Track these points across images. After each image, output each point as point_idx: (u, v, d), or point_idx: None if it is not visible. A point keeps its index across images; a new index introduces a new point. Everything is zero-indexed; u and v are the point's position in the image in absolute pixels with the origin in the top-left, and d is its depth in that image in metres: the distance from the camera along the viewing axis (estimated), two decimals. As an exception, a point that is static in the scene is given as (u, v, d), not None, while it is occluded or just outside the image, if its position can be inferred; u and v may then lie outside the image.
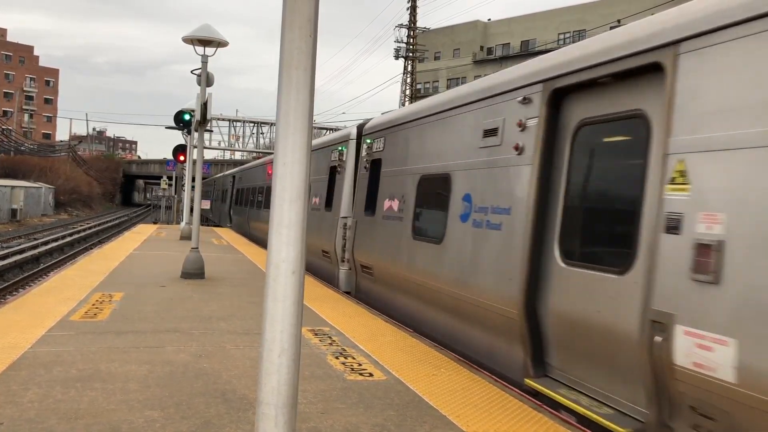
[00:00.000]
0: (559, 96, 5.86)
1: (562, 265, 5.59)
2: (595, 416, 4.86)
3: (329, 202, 12.61)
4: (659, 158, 4.60)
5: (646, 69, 4.87)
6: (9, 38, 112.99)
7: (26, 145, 78.43)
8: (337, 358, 6.28)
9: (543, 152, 5.90)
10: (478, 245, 6.83)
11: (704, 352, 4.00)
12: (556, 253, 5.69)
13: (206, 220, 44.25)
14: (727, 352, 3.85)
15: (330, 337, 7.14)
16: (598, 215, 5.46)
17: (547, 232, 5.84)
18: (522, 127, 6.26)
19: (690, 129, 4.37)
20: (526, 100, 6.23)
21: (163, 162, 77.34)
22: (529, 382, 5.79)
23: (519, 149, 6.27)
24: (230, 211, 33.43)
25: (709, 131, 4.21)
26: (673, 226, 4.34)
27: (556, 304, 5.63)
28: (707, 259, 4.03)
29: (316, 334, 7.25)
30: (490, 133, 6.89)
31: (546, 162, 5.90)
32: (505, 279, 6.20)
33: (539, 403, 5.19)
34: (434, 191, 8.18)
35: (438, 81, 78.42)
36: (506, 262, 6.22)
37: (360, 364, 6.07)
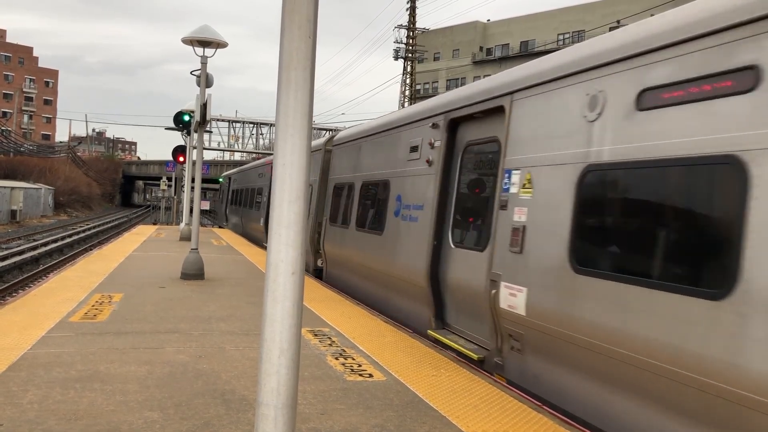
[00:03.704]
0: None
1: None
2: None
3: None
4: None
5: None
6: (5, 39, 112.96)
7: (25, 145, 78.40)
8: (336, 358, 6.28)
9: None
10: None
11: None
12: None
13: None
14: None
15: (330, 338, 7.13)
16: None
17: None
18: None
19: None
20: None
21: (163, 163, 77.37)
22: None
23: None
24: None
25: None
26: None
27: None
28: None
29: (315, 335, 7.25)
30: None
31: None
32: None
33: (539, 403, 5.21)
34: None
35: (437, 81, 78.46)
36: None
37: (360, 365, 6.07)
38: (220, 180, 41.91)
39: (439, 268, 7.70)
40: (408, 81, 69.43)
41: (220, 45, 11.84)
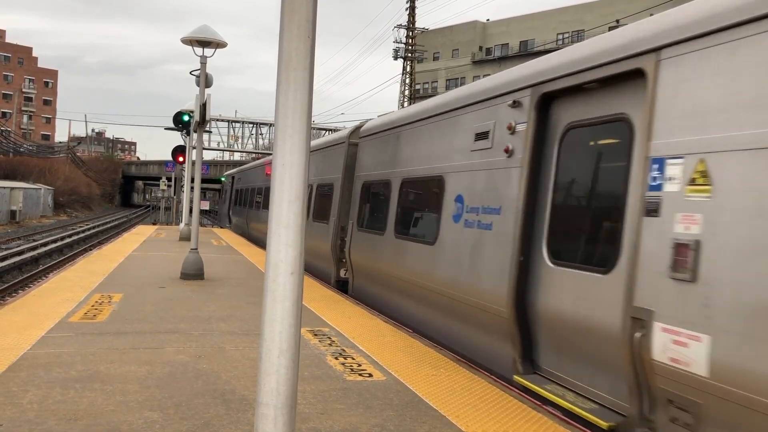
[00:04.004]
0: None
1: None
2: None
3: None
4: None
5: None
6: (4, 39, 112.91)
7: (25, 146, 78.38)
8: (336, 358, 6.28)
9: None
10: None
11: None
12: None
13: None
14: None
15: (329, 338, 7.14)
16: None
17: None
18: None
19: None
20: None
21: (162, 163, 77.36)
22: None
23: None
24: None
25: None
26: None
27: None
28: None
29: (315, 335, 7.25)
30: None
31: None
32: None
33: (539, 402, 5.19)
34: None
35: (437, 81, 78.49)
36: None
37: (359, 365, 6.07)
38: (222, 179, 39.58)
39: (527, 292, 5.93)
40: (407, 81, 69.45)
41: (219, 45, 11.85)
